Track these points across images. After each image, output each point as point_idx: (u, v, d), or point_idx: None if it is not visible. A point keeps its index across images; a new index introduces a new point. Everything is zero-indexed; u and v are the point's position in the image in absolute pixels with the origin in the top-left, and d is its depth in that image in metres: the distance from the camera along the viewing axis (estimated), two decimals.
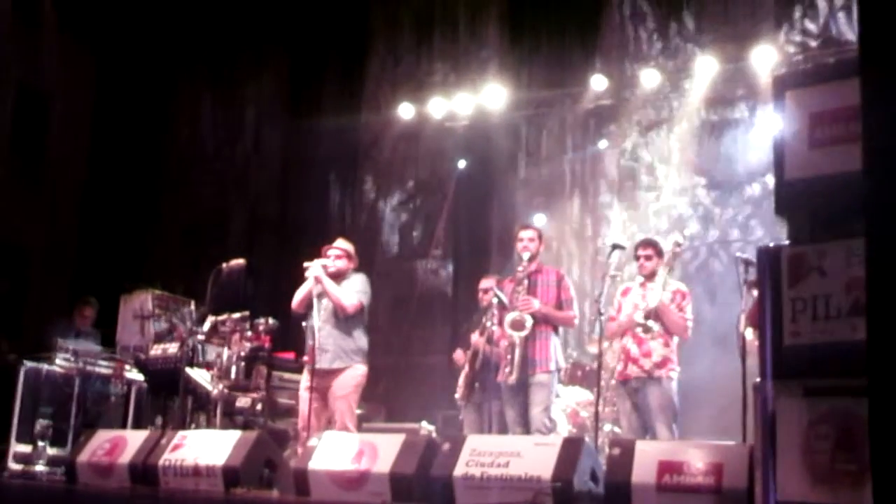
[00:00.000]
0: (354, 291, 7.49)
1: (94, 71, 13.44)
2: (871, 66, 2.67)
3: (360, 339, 7.50)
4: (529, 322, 7.12)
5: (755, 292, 5.52)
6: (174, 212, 13.46)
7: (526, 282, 7.33)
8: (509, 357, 7.14)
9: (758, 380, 3.63)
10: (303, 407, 7.28)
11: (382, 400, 9.92)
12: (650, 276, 7.16)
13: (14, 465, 7.79)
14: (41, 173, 12.90)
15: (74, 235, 13.10)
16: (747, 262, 6.31)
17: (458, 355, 8.32)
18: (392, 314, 7.71)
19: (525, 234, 7.53)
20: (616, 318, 7.30)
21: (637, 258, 7.27)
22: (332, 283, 7.44)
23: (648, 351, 6.92)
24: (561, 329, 7.65)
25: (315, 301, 7.38)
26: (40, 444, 7.88)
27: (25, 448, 7.92)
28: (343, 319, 7.44)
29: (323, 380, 7.28)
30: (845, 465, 3.35)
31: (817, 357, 3.43)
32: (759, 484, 3.58)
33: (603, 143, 11.40)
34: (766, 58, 10.01)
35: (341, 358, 7.35)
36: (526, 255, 7.38)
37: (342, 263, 7.60)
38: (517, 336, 7.11)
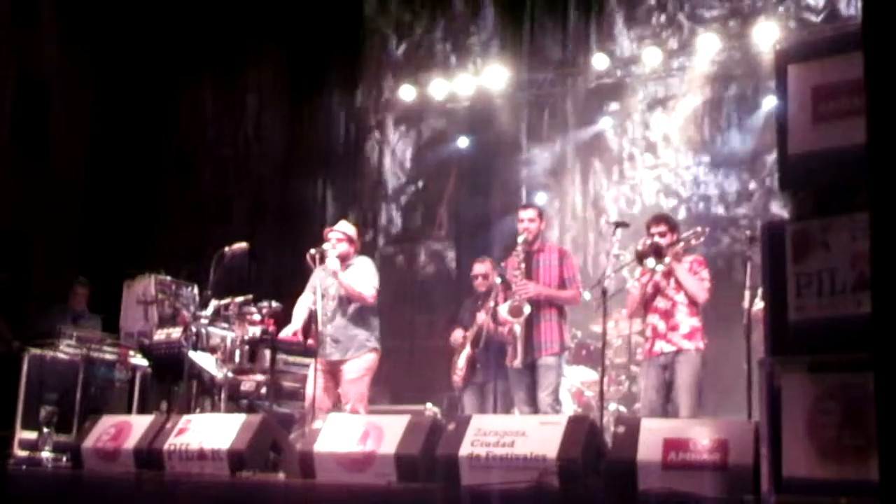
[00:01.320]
0: (368, 282, 7.46)
1: (95, 57, 13.40)
2: (875, 39, 2.64)
3: (372, 325, 7.48)
4: (527, 308, 7.09)
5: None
6: (176, 197, 13.44)
7: (524, 265, 7.27)
8: (513, 342, 7.13)
9: (763, 356, 3.62)
10: (310, 390, 7.28)
11: (386, 383, 9.91)
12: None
13: (20, 452, 7.81)
14: (42, 160, 12.88)
15: (77, 222, 13.09)
16: (752, 239, 6.28)
17: (457, 337, 8.28)
18: (395, 297, 7.71)
19: (525, 215, 7.47)
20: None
21: (651, 236, 6.89)
22: (348, 277, 7.42)
23: (676, 325, 6.79)
24: (568, 309, 7.59)
25: (318, 290, 7.36)
26: (45, 430, 7.89)
27: (31, 435, 7.94)
28: (354, 309, 7.42)
29: (332, 366, 7.30)
30: (851, 440, 3.34)
31: (822, 332, 3.42)
32: (766, 460, 3.58)
33: (605, 122, 11.36)
34: (768, 34, 9.96)
35: (353, 348, 7.34)
36: (522, 238, 7.33)
37: (344, 247, 7.57)
38: (516, 322, 7.09)
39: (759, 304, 5.93)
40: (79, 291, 9.67)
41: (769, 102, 10.13)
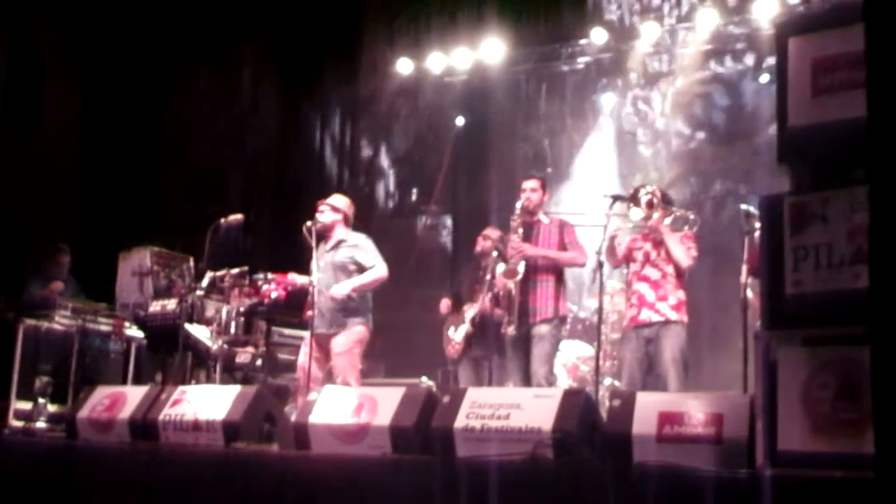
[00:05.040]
0: (376, 259, 7.47)
1: (88, 29, 13.32)
2: (875, 12, 2.63)
3: (362, 300, 7.48)
4: (521, 268, 7.10)
5: (757, 243, 5.50)
6: (172, 170, 13.40)
7: (521, 230, 7.28)
8: (508, 306, 7.14)
9: (759, 329, 3.62)
10: (302, 361, 7.30)
11: (381, 357, 9.92)
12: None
13: (15, 422, 7.81)
14: (36, 133, 12.84)
15: (72, 195, 13.06)
16: (749, 214, 6.27)
17: (445, 305, 8.29)
18: (391, 271, 7.73)
19: (528, 185, 7.49)
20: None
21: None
22: (365, 278, 7.42)
23: (664, 295, 6.84)
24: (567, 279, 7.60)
25: (315, 263, 7.36)
26: (41, 400, 7.90)
27: (26, 405, 7.94)
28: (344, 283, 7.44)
29: (321, 339, 7.31)
30: (846, 413, 3.35)
31: (819, 306, 3.43)
32: (761, 434, 3.59)
33: (602, 97, 11.33)
34: (768, 8, 9.92)
35: (338, 322, 7.35)
36: (520, 204, 7.35)
37: (327, 217, 7.53)
38: (511, 283, 7.11)
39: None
40: (60, 260, 9.60)
41: (766, 77, 10.12)
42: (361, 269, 7.44)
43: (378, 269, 7.45)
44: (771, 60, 9.62)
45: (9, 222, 12.19)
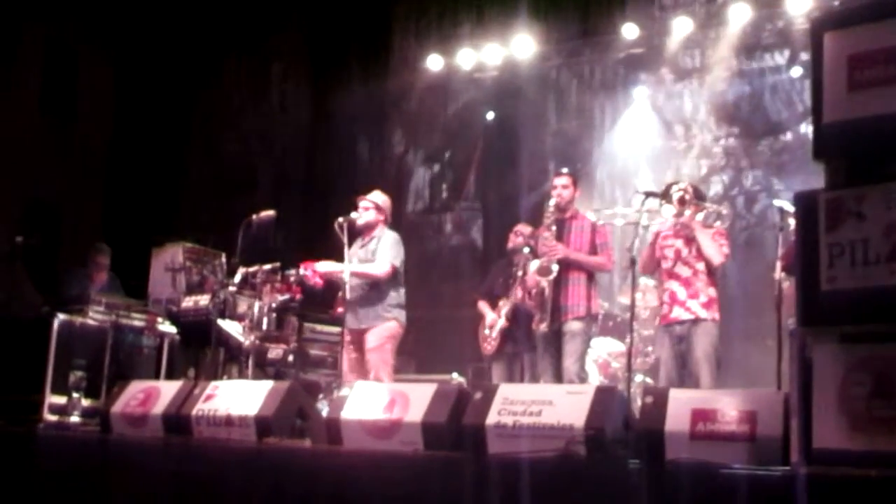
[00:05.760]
0: (385, 257, 7.51)
1: (122, 25, 13.40)
2: None
3: (393, 296, 7.53)
4: (555, 267, 7.10)
5: (791, 239, 5.46)
6: (203, 166, 13.46)
7: (554, 227, 7.28)
8: (540, 303, 7.14)
9: (794, 326, 3.59)
10: (343, 359, 7.44)
11: (412, 352, 9.94)
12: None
13: (49, 416, 7.87)
14: (70, 131, 12.94)
15: (104, 191, 13.16)
16: (783, 210, 6.23)
17: (483, 308, 8.34)
18: (421, 267, 7.70)
19: (559, 181, 7.50)
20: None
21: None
22: (359, 266, 7.50)
23: (696, 292, 6.81)
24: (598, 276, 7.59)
25: (346, 259, 7.41)
26: (74, 395, 7.94)
27: (60, 399, 7.99)
28: (370, 280, 7.49)
29: (355, 334, 7.39)
30: (882, 411, 3.31)
31: (854, 303, 3.39)
32: (795, 432, 3.56)
33: (633, 93, 11.28)
34: (802, 3, 9.83)
35: (370, 317, 7.42)
36: (553, 202, 7.35)
37: (370, 215, 7.64)
38: (544, 281, 7.10)
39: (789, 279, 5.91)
40: (99, 261, 9.71)
41: (798, 72, 10.04)
42: None
43: (376, 266, 7.52)
44: (804, 55, 9.56)
45: (44, 218, 12.30)
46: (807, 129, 9.17)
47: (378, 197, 7.82)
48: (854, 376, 3.40)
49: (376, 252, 7.57)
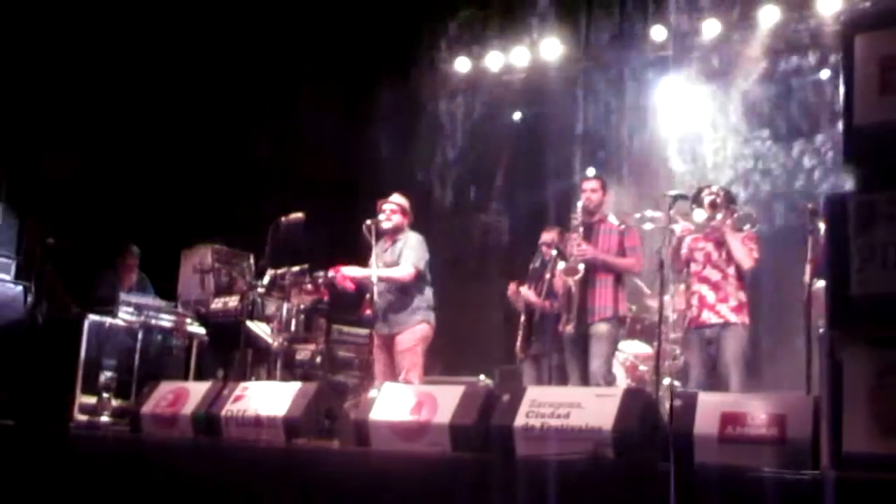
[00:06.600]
0: (408, 260, 7.53)
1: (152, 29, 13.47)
2: None
3: (421, 299, 7.56)
4: (581, 266, 7.10)
5: (822, 242, 5.43)
6: (232, 168, 13.50)
7: (582, 229, 7.28)
8: (567, 304, 7.14)
9: (823, 329, 3.57)
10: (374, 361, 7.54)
11: (438, 354, 9.94)
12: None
13: (80, 416, 7.94)
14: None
15: (134, 192, 13.22)
16: (813, 212, 6.20)
17: (513, 289, 8.33)
18: (449, 269, 7.73)
19: (588, 185, 7.52)
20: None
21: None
22: (384, 271, 7.54)
23: (725, 296, 6.81)
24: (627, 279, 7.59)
25: (374, 261, 7.45)
26: (105, 395, 8.02)
27: (90, 399, 8.07)
28: (397, 284, 7.52)
29: (384, 339, 7.43)
30: None
31: (885, 306, 3.37)
32: (825, 435, 3.54)
33: (663, 95, 11.23)
34: (832, 5, 9.77)
35: (400, 322, 7.45)
36: (581, 205, 7.36)
37: (397, 219, 7.68)
38: (571, 281, 7.10)
39: (819, 283, 5.86)
40: (129, 262, 9.79)
41: (827, 74, 9.97)
42: None
43: (400, 269, 7.56)
44: (833, 57, 9.50)
45: (73, 216, 12.37)
46: (836, 131, 9.09)
47: (401, 199, 7.85)
48: (884, 380, 3.38)
49: (401, 254, 7.60)
